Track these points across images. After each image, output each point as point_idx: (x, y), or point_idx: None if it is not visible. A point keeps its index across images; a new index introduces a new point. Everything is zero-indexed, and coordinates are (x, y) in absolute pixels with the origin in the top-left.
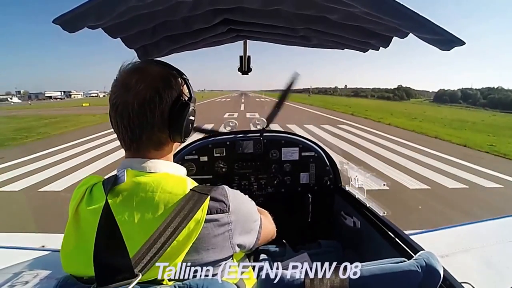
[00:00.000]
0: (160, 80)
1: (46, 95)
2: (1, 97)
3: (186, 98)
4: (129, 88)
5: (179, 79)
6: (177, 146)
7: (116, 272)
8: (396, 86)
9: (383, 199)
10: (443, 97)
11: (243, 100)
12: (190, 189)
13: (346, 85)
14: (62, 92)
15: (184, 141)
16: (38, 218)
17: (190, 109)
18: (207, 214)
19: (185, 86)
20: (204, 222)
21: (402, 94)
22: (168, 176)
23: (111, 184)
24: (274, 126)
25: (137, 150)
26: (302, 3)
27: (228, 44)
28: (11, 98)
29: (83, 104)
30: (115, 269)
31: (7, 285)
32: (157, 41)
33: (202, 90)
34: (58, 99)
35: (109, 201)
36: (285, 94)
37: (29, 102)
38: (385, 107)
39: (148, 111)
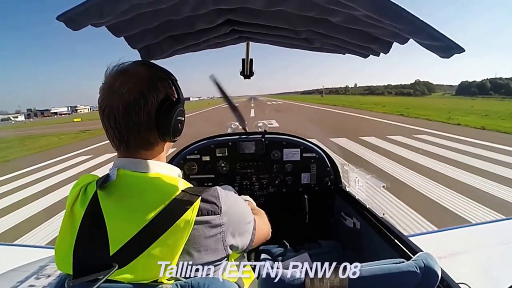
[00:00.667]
0: (145, 82)
1: (51, 111)
2: (5, 116)
3: (174, 99)
4: (114, 91)
5: (167, 80)
6: (169, 146)
7: (93, 263)
8: (413, 81)
9: None
10: (470, 89)
11: (252, 105)
12: (182, 190)
13: (356, 84)
14: (69, 107)
15: (174, 141)
16: None
17: (178, 109)
18: (197, 215)
19: (173, 87)
20: (195, 224)
21: (424, 89)
22: (159, 176)
23: (102, 181)
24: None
25: (127, 150)
26: (305, 5)
27: (236, 52)
28: (15, 117)
29: (74, 120)
30: (93, 261)
31: (23, 283)
32: (160, 41)
33: (211, 98)
34: (64, 115)
35: (99, 197)
36: (224, 95)
37: (28, 119)
38: (421, 104)
39: (133, 113)
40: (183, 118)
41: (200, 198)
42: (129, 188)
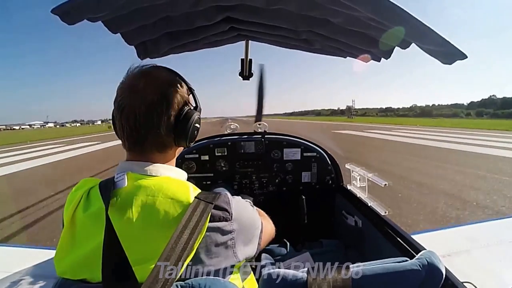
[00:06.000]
0: (168, 86)
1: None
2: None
3: (193, 107)
4: (137, 90)
5: (186, 87)
6: (179, 151)
7: None
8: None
9: None
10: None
11: None
12: (195, 197)
13: (354, 102)
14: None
15: (188, 146)
16: None
17: (196, 117)
18: (209, 222)
19: (191, 95)
20: (206, 231)
21: None
22: (170, 180)
23: (110, 189)
24: None
25: (141, 151)
26: (305, 4)
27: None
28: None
29: None
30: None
31: (23, 284)
32: (157, 38)
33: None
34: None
35: (109, 211)
36: (261, 86)
37: None
38: None
39: (155, 114)
40: (199, 126)
41: (213, 205)
42: (140, 194)
